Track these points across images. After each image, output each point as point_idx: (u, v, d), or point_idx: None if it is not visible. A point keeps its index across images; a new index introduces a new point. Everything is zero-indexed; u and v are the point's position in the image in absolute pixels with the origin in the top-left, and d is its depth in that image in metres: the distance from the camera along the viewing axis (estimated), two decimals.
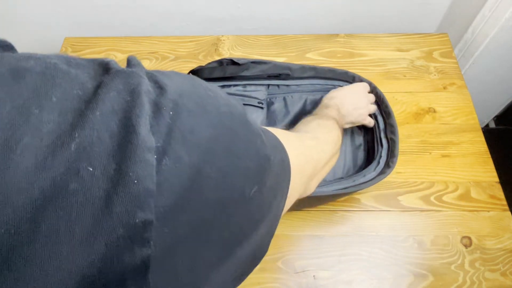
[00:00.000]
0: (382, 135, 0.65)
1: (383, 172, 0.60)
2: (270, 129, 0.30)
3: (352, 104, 0.63)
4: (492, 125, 1.31)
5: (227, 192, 0.20)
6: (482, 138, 0.75)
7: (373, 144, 0.66)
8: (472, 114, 0.78)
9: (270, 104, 0.72)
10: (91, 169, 0.15)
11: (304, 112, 0.71)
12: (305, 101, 0.72)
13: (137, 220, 0.15)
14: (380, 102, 0.67)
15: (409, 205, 0.68)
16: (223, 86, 0.69)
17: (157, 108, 0.18)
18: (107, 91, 0.17)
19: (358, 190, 0.59)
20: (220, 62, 0.68)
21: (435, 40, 0.89)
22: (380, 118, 0.67)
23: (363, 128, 0.71)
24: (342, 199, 0.69)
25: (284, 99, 0.72)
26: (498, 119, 1.28)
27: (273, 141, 0.28)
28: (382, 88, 0.68)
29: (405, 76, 0.84)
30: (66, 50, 0.90)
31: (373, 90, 0.68)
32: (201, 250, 0.19)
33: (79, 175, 0.14)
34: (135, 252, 0.15)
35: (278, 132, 0.31)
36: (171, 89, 0.19)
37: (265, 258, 0.65)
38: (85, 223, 0.14)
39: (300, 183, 0.34)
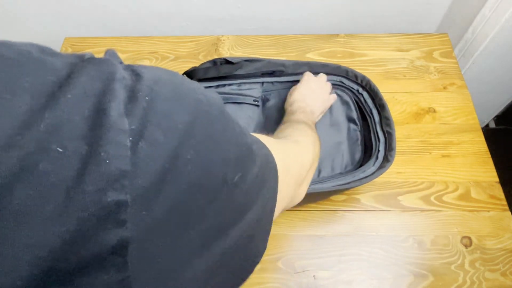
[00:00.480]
0: (378, 128, 0.66)
1: (382, 166, 0.61)
2: (255, 135, 0.31)
3: (314, 99, 0.64)
4: (492, 125, 1.31)
5: (207, 176, 0.20)
6: (482, 138, 0.75)
7: (369, 138, 0.66)
8: (472, 114, 0.78)
9: (265, 101, 0.72)
10: (61, 150, 0.15)
11: None
12: None
13: (109, 199, 0.15)
14: (374, 95, 0.68)
15: (409, 205, 0.68)
16: (217, 86, 0.69)
17: (132, 93, 0.18)
18: (79, 75, 0.17)
19: (358, 185, 0.59)
20: (214, 62, 0.68)
21: (435, 40, 0.89)
22: (375, 111, 0.67)
23: (359, 122, 0.72)
24: (342, 199, 0.69)
25: (279, 94, 0.72)
26: (498, 119, 1.28)
27: (255, 138, 0.28)
28: (382, 88, 0.68)
29: (405, 76, 0.84)
30: (66, 50, 0.90)
31: (367, 83, 0.68)
32: (182, 234, 0.19)
33: (49, 155, 0.15)
34: (110, 232, 0.15)
35: (261, 137, 0.31)
36: (147, 76, 0.20)
37: (265, 258, 0.65)
38: (56, 201, 0.14)
39: (289, 187, 0.34)
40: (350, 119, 0.72)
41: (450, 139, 0.75)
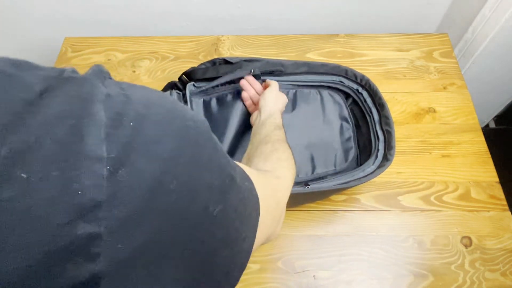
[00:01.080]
0: (378, 127, 0.66)
1: (382, 165, 0.61)
2: (240, 165, 0.30)
3: (273, 99, 0.62)
4: (492, 125, 1.31)
5: (190, 206, 0.19)
6: (482, 138, 0.75)
7: (369, 137, 0.67)
8: (472, 114, 0.78)
9: None
10: (25, 176, 0.14)
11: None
12: (295, 93, 0.74)
13: (79, 232, 0.14)
14: (373, 94, 0.68)
15: (409, 205, 0.68)
16: (216, 86, 0.69)
17: (117, 117, 0.17)
18: (54, 95, 0.16)
19: (358, 184, 0.59)
20: (213, 62, 0.68)
21: (435, 40, 0.89)
22: (374, 111, 0.67)
23: (351, 121, 0.72)
24: (342, 199, 0.69)
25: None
26: (498, 119, 1.28)
27: (239, 170, 0.27)
28: (382, 88, 0.68)
29: (405, 76, 0.84)
30: (66, 50, 0.90)
31: (366, 83, 0.68)
32: (160, 265, 0.18)
33: (11, 182, 0.14)
34: (81, 266, 0.15)
35: (245, 168, 0.30)
36: (137, 97, 0.19)
37: (265, 258, 0.65)
38: (19, 233, 0.13)
39: (267, 225, 0.32)
40: (343, 118, 0.73)
41: (450, 139, 0.75)
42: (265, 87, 0.65)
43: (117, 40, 0.91)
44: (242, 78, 0.67)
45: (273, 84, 0.64)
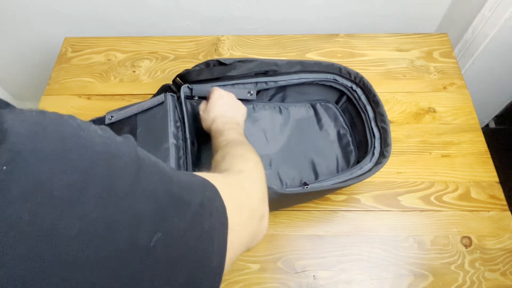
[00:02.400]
0: (373, 124, 0.66)
1: (379, 162, 0.61)
2: (200, 174, 0.27)
3: (234, 111, 0.60)
4: (492, 125, 1.31)
5: (110, 248, 0.16)
6: (482, 138, 0.75)
7: (365, 135, 0.67)
8: (472, 114, 0.78)
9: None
10: None
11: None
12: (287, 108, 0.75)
13: None
14: (367, 91, 0.68)
15: (409, 205, 0.68)
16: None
17: None
18: None
19: (357, 182, 0.60)
20: (207, 64, 0.68)
21: (435, 40, 0.89)
22: (369, 108, 0.68)
23: (347, 127, 0.73)
24: (342, 199, 0.69)
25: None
26: (498, 119, 1.28)
27: (192, 181, 0.24)
28: (382, 88, 0.68)
29: (405, 76, 0.84)
30: (66, 50, 0.90)
31: (360, 80, 0.68)
32: None
33: None
34: None
35: (204, 175, 0.28)
36: (18, 131, 0.15)
37: (265, 258, 0.65)
38: None
39: (245, 225, 0.30)
40: (339, 125, 0.74)
41: (450, 139, 0.75)
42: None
43: (117, 40, 0.91)
44: (241, 99, 0.66)
45: (212, 93, 0.61)
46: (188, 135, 0.59)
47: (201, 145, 0.65)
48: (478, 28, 0.88)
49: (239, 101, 0.63)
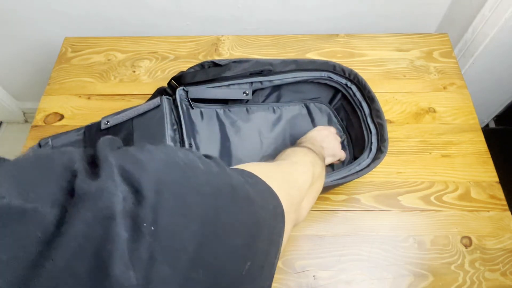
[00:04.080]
0: (369, 120, 0.66)
1: (377, 158, 0.61)
2: (250, 165, 0.28)
3: (327, 142, 0.61)
4: (492, 125, 1.31)
5: (218, 284, 0.18)
6: (482, 138, 0.75)
7: (361, 131, 0.67)
8: (472, 114, 0.78)
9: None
10: None
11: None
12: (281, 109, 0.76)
13: None
14: (362, 88, 0.68)
15: (409, 205, 0.68)
16: (206, 89, 0.69)
17: (135, 225, 0.16)
18: (71, 226, 0.14)
19: (355, 178, 0.60)
20: (202, 65, 0.68)
21: (435, 40, 0.89)
22: (364, 104, 0.68)
23: (345, 119, 0.73)
24: (342, 199, 0.69)
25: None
26: (498, 119, 1.28)
27: (260, 188, 0.25)
28: (382, 88, 0.68)
29: (405, 76, 0.84)
30: (66, 50, 0.90)
31: (355, 77, 0.69)
32: None
33: None
34: None
35: (257, 168, 0.29)
36: (148, 186, 0.17)
37: None
38: None
39: (291, 213, 0.32)
40: (332, 124, 0.74)
41: (450, 139, 0.75)
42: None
43: (117, 40, 0.91)
44: (236, 99, 0.67)
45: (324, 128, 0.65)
46: (185, 138, 0.59)
47: (199, 147, 0.65)
48: (478, 28, 0.88)
49: (339, 142, 0.65)
